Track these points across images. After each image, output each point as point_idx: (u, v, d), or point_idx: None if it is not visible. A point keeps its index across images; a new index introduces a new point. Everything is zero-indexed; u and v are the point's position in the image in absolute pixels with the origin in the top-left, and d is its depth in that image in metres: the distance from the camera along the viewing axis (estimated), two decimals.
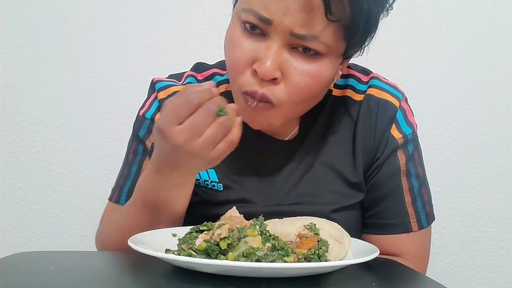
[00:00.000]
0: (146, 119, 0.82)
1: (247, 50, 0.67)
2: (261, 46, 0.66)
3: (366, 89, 0.80)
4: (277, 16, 0.63)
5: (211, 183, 0.78)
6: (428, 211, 0.79)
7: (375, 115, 0.78)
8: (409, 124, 0.79)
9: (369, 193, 0.79)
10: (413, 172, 0.79)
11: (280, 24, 0.64)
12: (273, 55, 0.65)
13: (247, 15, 0.66)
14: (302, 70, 0.67)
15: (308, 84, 0.68)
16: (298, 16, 0.63)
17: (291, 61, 0.66)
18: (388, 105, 0.78)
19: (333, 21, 0.63)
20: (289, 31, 0.64)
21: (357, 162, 0.78)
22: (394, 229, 0.78)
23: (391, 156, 0.78)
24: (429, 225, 0.80)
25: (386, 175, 0.78)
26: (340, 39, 0.66)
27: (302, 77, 0.67)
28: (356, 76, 0.82)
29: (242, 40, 0.67)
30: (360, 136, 0.78)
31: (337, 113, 0.80)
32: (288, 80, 0.67)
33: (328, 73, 0.69)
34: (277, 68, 0.66)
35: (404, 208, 0.78)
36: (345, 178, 0.78)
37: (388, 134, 0.78)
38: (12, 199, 1.20)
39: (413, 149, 0.79)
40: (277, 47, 0.65)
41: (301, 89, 0.68)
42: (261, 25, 0.65)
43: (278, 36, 0.65)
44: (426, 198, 0.80)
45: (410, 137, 0.79)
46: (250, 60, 0.67)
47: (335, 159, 0.78)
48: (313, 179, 0.78)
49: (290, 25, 0.64)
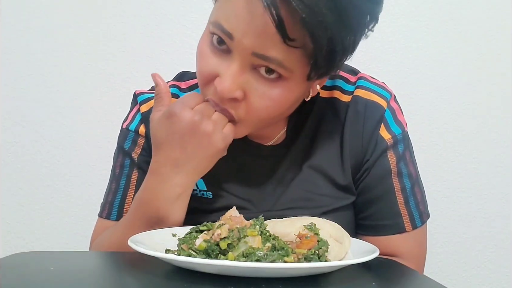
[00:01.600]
0: (130, 131, 0.82)
1: (210, 65, 0.66)
2: (224, 63, 0.65)
3: (354, 89, 0.79)
4: (237, 33, 0.62)
5: (200, 192, 0.78)
6: (421, 210, 0.79)
7: (362, 117, 0.77)
8: (398, 123, 0.79)
9: (361, 195, 0.79)
10: (405, 172, 0.78)
11: (240, 42, 0.63)
12: (233, 74, 0.64)
13: (213, 28, 0.65)
14: (263, 93, 0.65)
15: (269, 107, 0.66)
16: (258, 39, 0.61)
17: (252, 82, 0.65)
18: (376, 106, 0.77)
19: (293, 47, 0.61)
20: (251, 51, 0.63)
21: (345, 165, 0.77)
22: (388, 230, 0.78)
23: (380, 157, 0.77)
24: (423, 224, 0.80)
25: (377, 177, 0.77)
26: (303, 64, 0.64)
27: (263, 100, 0.66)
28: (343, 76, 0.81)
29: (208, 53, 0.67)
30: (348, 138, 0.77)
31: (324, 115, 0.79)
32: (248, 101, 0.66)
33: (291, 96, 0.67)
34: (237, 88, 0.65)
35: (397, 208, 0.77)
36: (334, 181, 0.77)
37: (377, 135, 0.77)
38: (12, 199, 1.20)
39: (404, 149, 0.79)
40: (238, 66, 0.64)
41: (261, 110, 0.67)
42: (226, 40, 0.64)
43: (240, 55, 0.64)
44: (419, 197, 0.80)
45: (400, 136, 0.78)
46: (213, 74, 0.66)
47: (324, 162, 0.78)
48: (302, 183, 0.77)
49: (250, 45, 0.62)
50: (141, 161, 0.80)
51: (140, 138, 0.81)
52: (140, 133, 0.81)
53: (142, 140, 0.81)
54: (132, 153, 0.81)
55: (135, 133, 0.81)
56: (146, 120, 0.80)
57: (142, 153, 0.81)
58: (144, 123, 0.81)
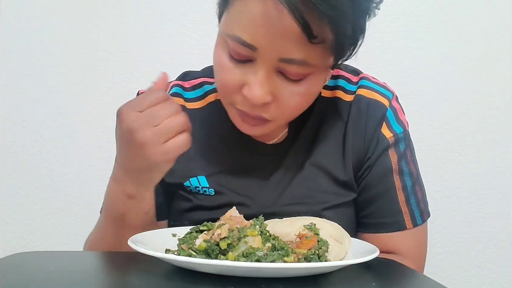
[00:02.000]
0: None
1: (236, 75, 0.66)
2: (249, 72, 0.65)
3: (356, 89, 0.80)
4: (260, 43, 0.62)
5: (202, 189, 0.78)
6: (422, 209, 0.80)
7: (365, 115, 0.78)
8: (400, 123, 0.79)
9: (362, 192, 0.79)
10: (406, 170, 0.79)
11: (265, 51, 0.63)
12: (261, 81, 0.64)
13: (233, 43, 0.64)
14: (292, 91, 0.66)
15: (300, 102, 0.69)
16: (283, 43, 0.62)
17: (280, 84, 0.66)
18: (378, 104, 0.78)
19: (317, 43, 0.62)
20: (277, 58, 0.63)
21: (346, 162, 0.78)
22: (388, 227, 0.78)
23: (382, 155, 0.78)
24: (424, 223, 0.80)
25: (378, 175, 0.78)
26: (327, 56, 0.65)
27: (293, 97, 0.67)
28: (345, 77, 0.82)
29: (229, 65, 0.66)
30: (351, 136, 0.78)
31: (327, 114, 0.80)
32: (279, 102, 0.67)
33: (317, 87, 0.70)
34: (267, 93, 0.65)
35: (398, 206, 0.78)
36: (335, 178, 0.78)
37: (379, 133, 0.78)
38: (12, 199, 1.20)
39: (405, 147, 0.80)
40: (264, 73, 0.64)
41: (293, 108, 0.69)
42: (247, 52, 0.64)
43: (264, 62, 0.64)
44: (420, 195, 0.80)
45: (401, 135, 0.79)
46: (239, 85, 0.67)
47: (325, 160, 0.78)
48: (304, 180, 0.78)
49: (275, 52, 0.63)
50: None
51: None
52: None
53: None
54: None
55: None
56: None
57: None
58: None
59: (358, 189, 0.79)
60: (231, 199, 0.77)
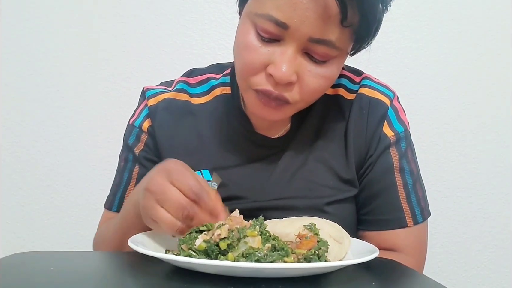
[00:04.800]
0: (135, 127, 0.83)
1: (262, 55, 0.68)
2: (277, 51, 0.67)
3: (358, 88, 0.81)
4: (294, 22, 0.64)
5: None
6: (423, 207, 0.80)
7: (366, 113, 0.79)
8: (401, 122, 0.80)
9: (363, 190, 0.80)
10: (407, 168, 0.80)
11: (297, 30, 0.65)
12: (289, 60, 0.66)
13: (264, 22, 0.66)
14: (316, 73, 0.68)
15: (322, 85, 0.70)
16: (316, 23, 0.64)
17: (305, 65, 0.68)
18: (379, 103, 0.79)
19: (346, 26, 0.65)
20: (308, 37, 0.65)
21: (349, 159, 0.79)
22: (389, 224, 0.79)
23: (384, 153, 0.79)
24: (424, 221, 0.80)
25: (380, 172, 0.79)
26: (350, 41, 0.69)
27: (316, 79, 0.69)
28: (348, 76, 0.83)
29: (257, 44, 0.68)
30: (352, 133, 0.79)
31: (329, 111, 0.81)
32: (302, 83, 0.69)
33: (338, 71, 0.72)
34: (293, 72, 0.67)
35: (399, 204, 0.79)
36: (337, 174, 0.79)
37: (380, 131, 0.79)
38: (12, 199, 1.20)
39: (406, 146, 0.80)
40: (292, 51, 0.66)
41: (315, 90, 0.70)
42: (277, 31, 0.66)
43: (294, 41, 0.66)
44: (421, 193, 0.81)
45: (402, 134, 0.80)
46: (264, 64, 0.68)
47: (328, 155, 0.79)
48: (307, 174, 0.79)
49: (307, 32, 0.65)
50: (142, 157, 0.82)
51: (143, 134, 0.82)
52: (144, 129, 0.82)
53: (145, 136, 0.82)
54: (135, 148, 0.82)
55: (139, 129, 0.83)
56: (152, 114, 0.82)
57: (144, 148, 0.82)
58: (150, 118, 0.82)
59: (359, 187, 0.80)
60: (235, 192, 0.77)
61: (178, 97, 0.83)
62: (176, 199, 0.59)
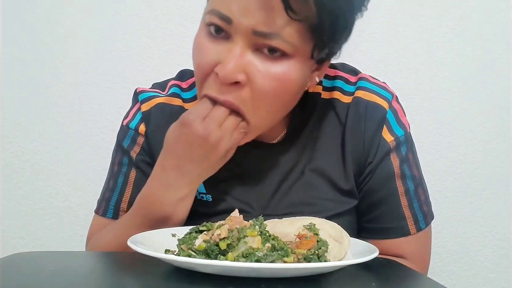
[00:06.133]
0: (130, 129, 0.81)
1: (210, 54, 0.65)
2: (224, 49, 0.64)
3: (354, 90, 0.78)
4: (236, 15, 0.62)
5: (200, 195, 0.76)
6: (425, 212, 0.79)
7: (364, 119, 0.76)
8: (400, 124, 0.78)
9: (364, 198, 0.78)
10: (408, 174, 0.77)
11: (240, 24, 0.62)
12: (235, 57, 0.63)
13: (210, 16, 0.65)
14: (267, 72, 0.64)
15: (274, 87, 0.65)
16: (258, 15, 0.61)
17: (255, 63, 0.64)
18: (377, 107, 0.76)
19: (296, 19, 0.61)
20: (251, 30, 0.62)
21: (347, 169, 0.76)
22: (392, 233, 0.77)
23: (384, 160, 0.76)
24: (427, 226, 0.79)
25: (381, 180, 0.76)
26: (306, 39, 0.64)
27: (268, 80, 0.64)
28: (343, 77, 0.80)
29: (206, 44, 0.66)
30: (350, 140, 0.76)
31: (325, 116, 0.78)
32: (253, 83, 0.65)
33: (296, 76, 0.66)
34: (240, 71, 0.64)
35: (401, 211, 0.77)
36: (336, 186, 0.76)
37: (379, 137, 0.76)
38: (12, 199, 1.20)
39: (407, 150, 0.78)
40: (240, 49, 0.63)
41: (267, 93, 0.65)
42: (223, 26, 0.64)
43: (240, 37, 0.63)
44: (423, 198, 0.79)
45: (402, 138, 0.77)
46: (213, 64, 0.65)
47: (326, 166, 0.77)
48: (304, 187, 0.76)
49: (250, 24, 0.62)
50: (139, 160, 0.80)
51: (139, 137, 0.80)
52: (140, 132, 0.80)
53: (141, 139, 0.80)
54: (131, 151, 0.80)
55: (135, 131, 0.81)
56: (146, 119, 0.80)
57: (141, 152, 0.80)
58: (144, 122, 0.80)
59: (360, 195, 0.78)
60: (229, 206, 0.76)
61: (172, 102, 0.81)
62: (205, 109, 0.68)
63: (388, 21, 1.19)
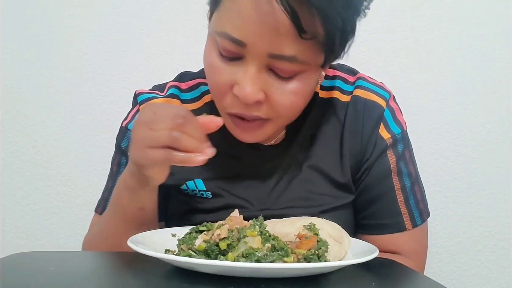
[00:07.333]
0: (128, 130, 0.82)
1: (225, 74, 0.66)
2: (239, 70, 0.65)
3: (353, 90, 0.79)
4: (249, 39, 0.62)
5: (199, 192, 0.78)
6: (421, 209, 0.80)
7: (361, 116, 0.78)
8: (397, 123, 0.79)
9: (361, 194, 0.79)
10: (405, 171, 0.79)
11: (254, 47, 0.62)
12: (252, 79, 0.64)
13: (222, 40, 0.64)
14: (284, 89, 0.66)
15: (293, 101, 0.68)
16: (272, 39, 0.61)
17: (271, 82, 0.65)
18: (375, 105, 0.78)
19: (308, 39, 0.61)
20: (267, 54, 0.63)
21: (344, 163, 0.78)
22: (388, 229, 0.79)
23: (381, 156, 0.78)
24: (423, 222, 0.80)
25: (377, 176, 0.78)
26: (318, 53, 0.65)
27: (286, 96, 0.66)
28: (342, 77, 0.81)
29: (219, 64, 0.66)
30: (348, 138, 0.78)
31: (324, 115, 0.79)
32: (272, 100, 0.66)
33: (310, 86, 0.69)
34: (258, 91, 0.65)
35: (397, 207, 0.78)
36: (333, 180, 0.78)
37: (377, 134, 0.77)
38: (12, 199, 1.20)
39: (403, 148, 0.79)
40: (254, 70, 0.64)
41: (287, 107, 0.68)
42: (236, 49, 0.64)
43: (254, 59, 0.63)
44: (419, 195, 0.80)
45: (399, 136, 0.79)
46: (229, 84, 0.66)
47: (323, 162, 0.78)
48: (302, 183, 0.78)
49: (265, 48, 0.62)
50: None
51: None
52: None
53: None
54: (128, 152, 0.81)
55: None
56: None
57: None
58: None
59: (357, 191, 0.79)
60: (229, 202, 0.77)
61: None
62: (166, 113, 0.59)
63: (388, 21, 1.19)
